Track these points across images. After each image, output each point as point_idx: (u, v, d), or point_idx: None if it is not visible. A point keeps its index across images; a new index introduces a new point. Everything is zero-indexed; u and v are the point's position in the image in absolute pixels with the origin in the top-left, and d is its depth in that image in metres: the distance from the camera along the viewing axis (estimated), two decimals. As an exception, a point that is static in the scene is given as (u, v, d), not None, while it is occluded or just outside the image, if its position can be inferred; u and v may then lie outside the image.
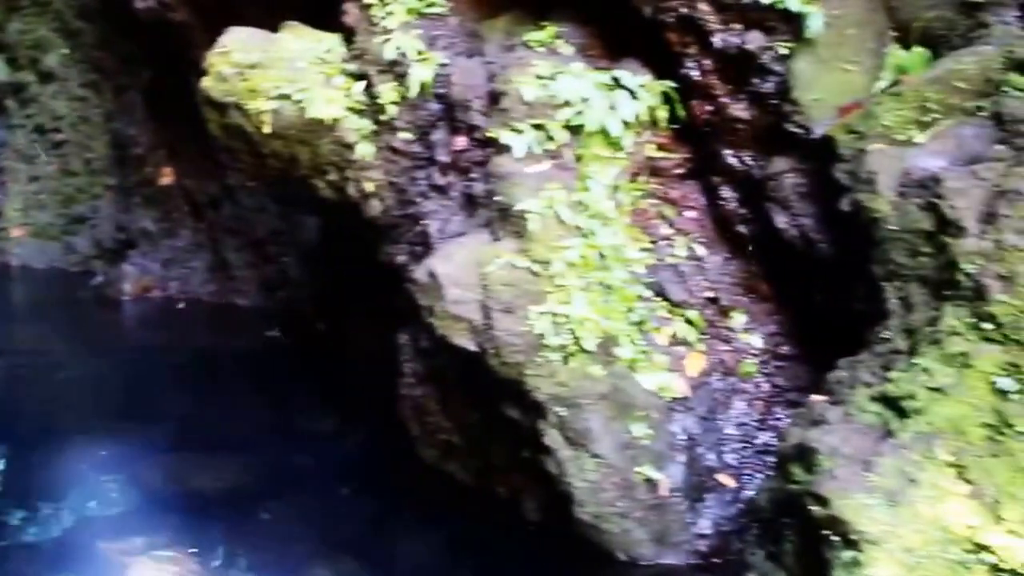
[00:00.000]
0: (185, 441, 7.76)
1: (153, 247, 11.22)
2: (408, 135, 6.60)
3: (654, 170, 6.28)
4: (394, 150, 6.65)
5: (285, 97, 6.73)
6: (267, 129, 6.79)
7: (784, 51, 5.75)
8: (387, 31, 6.62)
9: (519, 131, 6.02)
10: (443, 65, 6.51)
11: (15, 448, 7.52)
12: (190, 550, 6.20)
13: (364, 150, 6.70)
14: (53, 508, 6.71)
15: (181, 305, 10.97)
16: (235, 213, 10.62)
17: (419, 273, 6.04)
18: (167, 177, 11.04)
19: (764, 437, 6.07)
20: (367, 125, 6.71)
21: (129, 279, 11.14)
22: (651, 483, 5.67)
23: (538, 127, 6.01)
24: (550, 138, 5.99)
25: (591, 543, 5.70)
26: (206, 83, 7.04)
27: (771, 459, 5.78)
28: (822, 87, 5.76)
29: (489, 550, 6.27)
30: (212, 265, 11.00)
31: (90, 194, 12.08)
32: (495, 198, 6.04)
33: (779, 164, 5.90)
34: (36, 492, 6.88)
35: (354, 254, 7.80)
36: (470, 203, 6.39)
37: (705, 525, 5.84)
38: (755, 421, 6.12)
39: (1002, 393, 4.27)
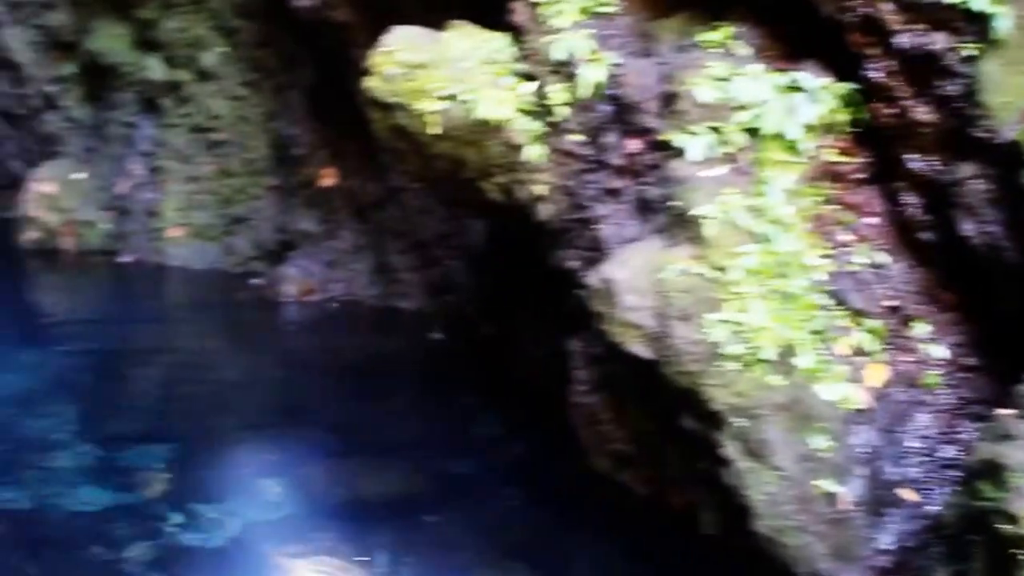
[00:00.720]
0: (348, 445, 7.98)
1: (314, 249, 11.54)
2: (579, 137, 6.74)
3: (833, 175, 6.29)
4: (564, 152, 6.78)
5: (452, 98, 6.92)
6: (434, 130, 6.98)
7: (970, 52, 5.72)
8: (557, 30, 6.76)
9: (694, 134, 6.13)
10: (615, 65, 6.61)
11: (177, 450, 7.87)
12: (355, 557, 6.39)
13: (533, 152, 6.85)
14: (216, 512, 6.92)
15: (338, 307, 11.30)
16: (399, 215, 10.85)
17: (592, 279, 6.16)
18: (329, 178, 11.33)
19: (948, 451, 6.01)
20: (536, 127, 6.86)
21: (290, 281, 11.50)
22: (831, 497, 5.69)
23: (714, 130, 6.10)
24: (726, 141, 6.08)
25: (769, 557, 5.72)
26: (370, 83, 7.26)
27: (955, 473, 5.76)
28: (1010, 90, 5.69)
29: (663, 563, 6.37)
30: (375, 267, 11.25)
31: (249, 195, 12.48)
32: (670, 203, 6.15)
33: (964, 169, 5.85)
34: (198, 495, 7.13)
35: (522, 258, 7.97)
36: (644, 207, 6.49)
37: (886, 540, 5.80)
38: (939, 434, 6.06)
39: None
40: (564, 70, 6.76)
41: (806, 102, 6.13)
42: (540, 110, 6.89)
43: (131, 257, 13.32)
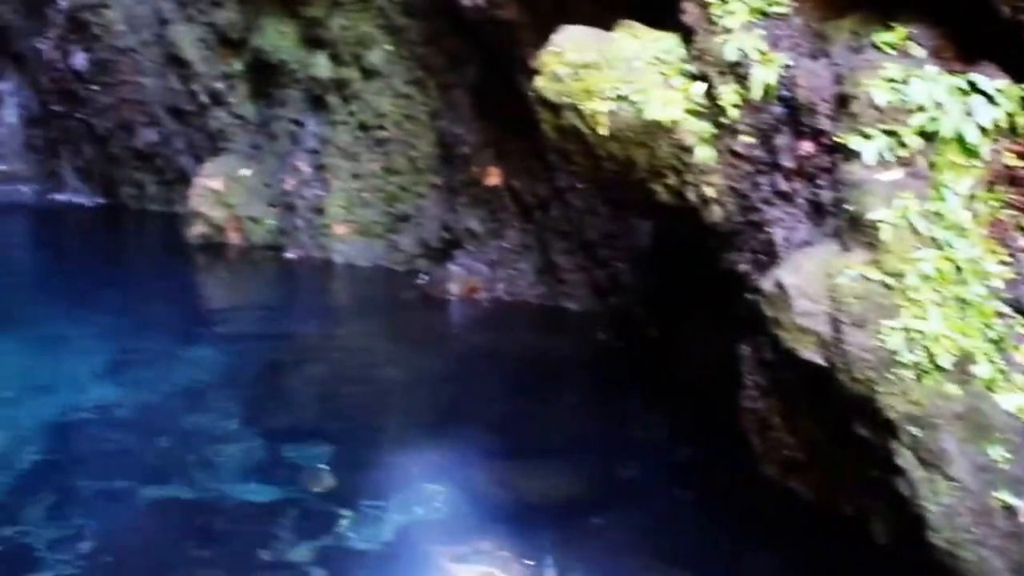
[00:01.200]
0: (511, 446, 8.14)
1: (479, 247, 11.79)
2: (750, 139, 6.79)
3: (1012, 179, 6.23)
4: (736, 154, 6.84)
5: (622, 98, 7.03)
6: (603, 131, 7.11)
7: None
8: (728, 31, 6.83)
9: (869, 137, 6.13)
10: (787, 67, 6.64)
11: (341, 447, 8.11)
12: (521, 559, 6.51)
13: (704, 154, 6.92)
14: (380, 510, 7.10)
15: (502, 306, 11.51)
16: (564, 215, 10.99)
17: (765, 283, 6.22)
18: (494, 177, 11.53)
19: None
20: (707, 128, 6.93)
21: (455, 279, 11.77)
22: (1009, 510, 5.61)
23: (889, 133, 6.10)
24: (902, 144, 6.07)
25: (943, 570, 5.67)
26: (539, 83, 7.42)
27: None
28: None
29: (832, 571, 6.40)
30: (540, 267, 11.44)
31: (414, 193, 12.82)
32: (844, 206, 6.16)
33: None
34: (362, 492, 7.33)
35: (689, 259, 8.03)
36: (817, 211, 6.50)
37: (1067, 557, 5.73)
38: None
39: None
40: (735, 71, 6.82)
41: (983, 105, 6.08)
42: (710, 111, 6.95)
43: (296, 253, 13.79)
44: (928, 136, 6.09)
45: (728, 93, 6.85)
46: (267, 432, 8.42)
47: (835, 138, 6.37)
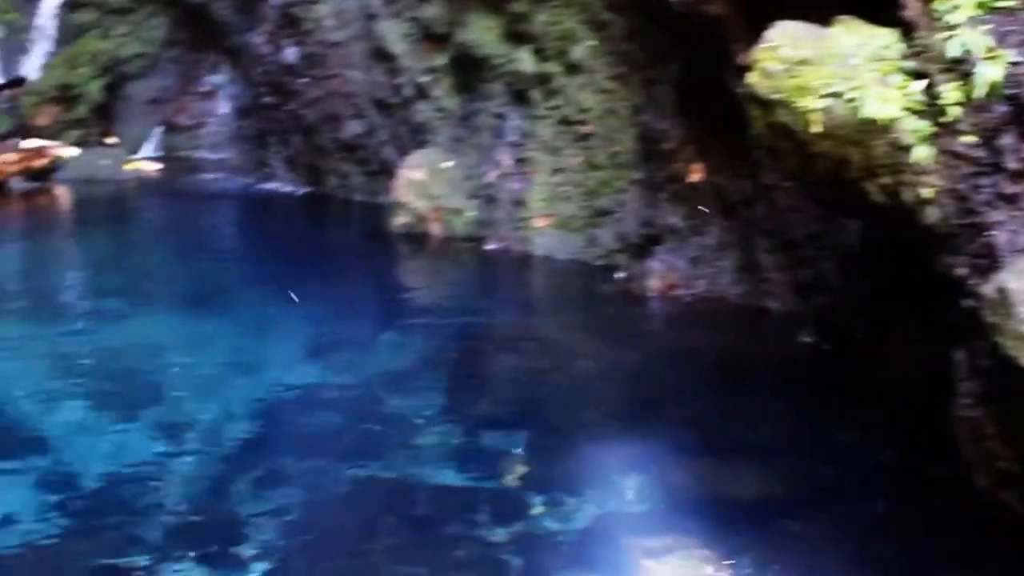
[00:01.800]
0: (707, 443, 8.04)
1: (680, 244, 11.67)
2: (972, 139, 6.53)
3: None
4: (956, 154, 6.60)
5: (837, 95, 6.86)
6: (816, 128, 6.95)
7: None
8: (951, 27, 6.58)
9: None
10: (1014, 64, 6.36)
11: (537, 436, 8.15)
12: (716, 558, 6.40)
13: (922, 153, 6.70)
14: (575, 500, 7.10)
15: (702, 303, 11.36)
16: (768, 213, 10.83)
17: (985, 288, 6.00)
18: (696, 173, 11.42)
19: None
20: (926, 127, 6.71)
21: (654, 275, 11.67)
22: None
23: None
24: None
25: None
26: (752, 79, 7.30)
27: None
28: None
29: None
30: (741, 265, 11.28)
31: (614, 188, 12.75)
32: None
33: None
34: (557, 482, 7.34)
35: (900, 261, 7.85)
36: None
37: None
38: None
39: None
40: (958, 68, 6.57)
41: None
42: (930, 110, 6.73)
43: (496, 245, 13.89)
44: None
45: (950, 91, 6.60)
46: (465, 418, 8.52)
47: (1065, 141, 6.07)
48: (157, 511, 6.92)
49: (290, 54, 17.97)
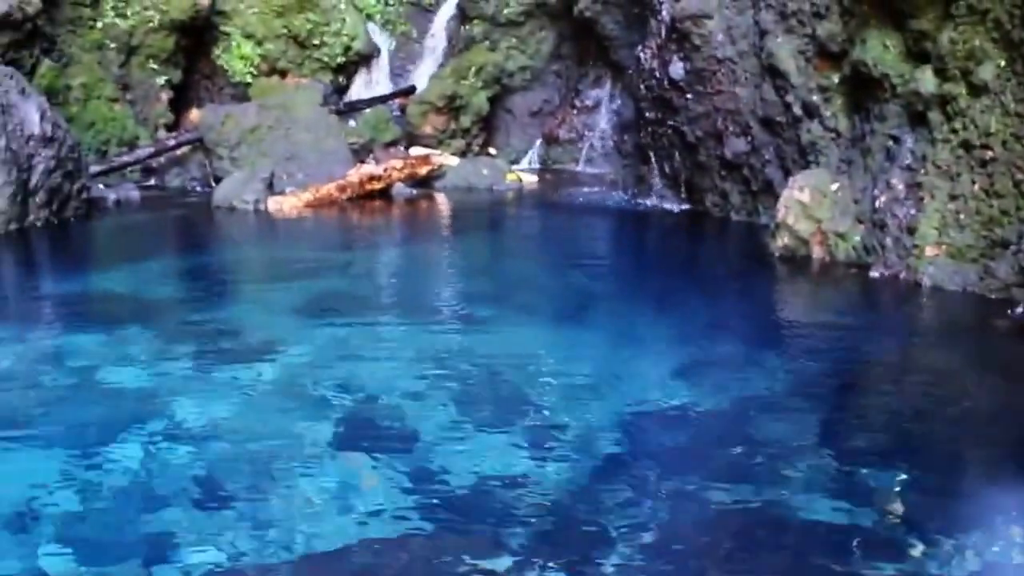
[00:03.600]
0: None
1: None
2: None
3: None
4: None
5: None
6: None
7: None
8: None
9: None
10: None
11: (918, 473, 7.81)
12: None
13: None
14: (956, 544, 6.75)
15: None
16: None
17: None
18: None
19: None
20: None
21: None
22: None
23: None
24: None
25: None
26: None
27: None
28: None
29: None
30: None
31: (1017, 217, 12.10)
32: None
33: None
34: (938, 524, 7.02)
35: None
36: None
37: None
38: None
39: None
40: None
41: None
42: None
43: (881, 272, 13.59)
44: None
45: None
46: (840, 450, 8.28)
47: None
48: (523, 516, 7.09)
49: (676, 69, 18.22)
